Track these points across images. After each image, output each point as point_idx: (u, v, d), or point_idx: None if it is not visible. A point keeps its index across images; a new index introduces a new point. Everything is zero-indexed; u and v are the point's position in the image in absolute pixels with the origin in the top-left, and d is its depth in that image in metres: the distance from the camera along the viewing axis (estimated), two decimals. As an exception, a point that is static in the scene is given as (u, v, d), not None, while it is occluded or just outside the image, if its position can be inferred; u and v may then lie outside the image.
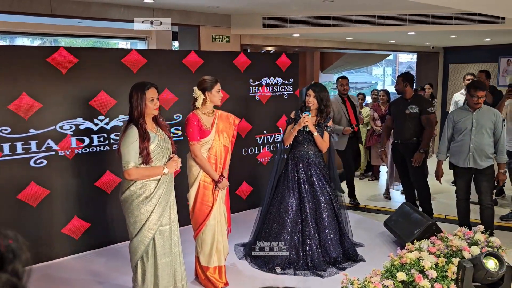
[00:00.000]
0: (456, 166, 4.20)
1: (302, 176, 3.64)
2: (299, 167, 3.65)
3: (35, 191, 3.65)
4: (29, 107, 3.57)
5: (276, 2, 5.01)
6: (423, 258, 3.13)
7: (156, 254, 2.77)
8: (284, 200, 3.63)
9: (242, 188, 5.04)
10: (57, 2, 4.63)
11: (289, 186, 3.64)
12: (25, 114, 3.57)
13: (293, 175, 3.67)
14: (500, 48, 8.88)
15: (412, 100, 4.77)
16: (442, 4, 4.30)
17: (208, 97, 3.13)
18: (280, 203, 3.66)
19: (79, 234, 3.93)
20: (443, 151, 4.24)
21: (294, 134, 3.61)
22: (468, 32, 6.36)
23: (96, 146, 3.95)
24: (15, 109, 3.51)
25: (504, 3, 3.80)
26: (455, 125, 4.14)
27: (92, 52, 4.04)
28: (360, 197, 5.91)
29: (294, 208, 3.61)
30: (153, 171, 2.70)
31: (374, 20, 5.74)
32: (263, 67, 5.06)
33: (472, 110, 4.03)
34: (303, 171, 3.65)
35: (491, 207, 4.16)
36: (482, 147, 3.98)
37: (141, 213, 2.70)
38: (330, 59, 10.14)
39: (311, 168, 3.65)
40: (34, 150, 3.63)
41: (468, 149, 4.05)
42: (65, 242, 3.86)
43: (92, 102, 3.88)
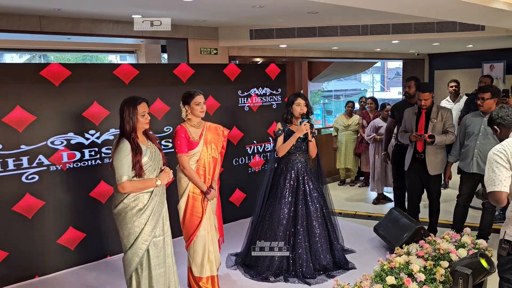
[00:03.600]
0: (463, 171, 4.24)
1: (293, 184, 3.71)
2: (290, 176, 3.72)
3: (29, 203, 3.67)
4: (22, 121, 3.60)
5: (262, 14, 5.12)
6: (411, 262, 3.20)
7: (151, 265, 2.80)
8: (275, 209, 3.69)
9: (235, 196, 5.09)
10: (46, 19, 4.69)
11: (280, 195, 3.70)
12: (19, 127, 3.60)
13: (284, 184, 3.73)
14: (483, 54, 9.11)
15: None
16: (424, 15, 4.44)
17: (188, 110, 3.20)
18: (272, 212, 3.71)
19: (75, 244, 3.94)
20: (454, 154, 4.29)
21: (294, 142, 3.66)
22: (450, 39, 6.54)
23: (88, 160, 3.99)
24: (8, 123, 3.54)
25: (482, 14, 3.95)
26: (466, 129, 4.17)
27: (84, 68, 4.08)
28: (351, 204, 5.99)
29: (285, 216, 3.67)
30: (146, 184, 2.75)
31: (359, 29, 5.88)
32: (252, 78, 5.14)
33: (483, 115, 4.04)
34: (294, 180, 3.71)
35: (493, 212, 4.23)
36: (486, 153, 3.87)
37: (135, 226, 2.74)
38: (318, 68, 10.29)
39: (302, 176, 3.72)
40: (26, 166, 3.66)
41: (472, 154, 4.09)
42: (61, 254, 3.87)
43: (85, 114, 3.92)
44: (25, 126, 3.62)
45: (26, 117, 3.62)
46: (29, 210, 3.68)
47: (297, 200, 3.68)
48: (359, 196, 6.54)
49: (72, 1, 4.07)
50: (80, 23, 4.93)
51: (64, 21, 4.83)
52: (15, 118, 3.58)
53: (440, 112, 4.26)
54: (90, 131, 3.97)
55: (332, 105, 20.62)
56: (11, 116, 3.56)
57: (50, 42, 6.50)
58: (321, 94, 17.99)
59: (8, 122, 3.55)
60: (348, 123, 6.85)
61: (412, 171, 4.44)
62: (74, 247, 3.95)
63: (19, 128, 3.60)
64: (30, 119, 3.64)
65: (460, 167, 4.25)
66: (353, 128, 6.83)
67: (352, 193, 6.69)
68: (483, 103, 3.93)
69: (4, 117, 3.53)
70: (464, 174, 4.23)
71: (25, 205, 3.65)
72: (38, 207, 3.72)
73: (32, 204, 3.69)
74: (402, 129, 4.50)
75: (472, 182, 4.15)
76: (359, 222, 5.28)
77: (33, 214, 3.70)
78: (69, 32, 4.95)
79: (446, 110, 4.30)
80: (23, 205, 3.65)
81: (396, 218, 4.24)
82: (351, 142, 6.85)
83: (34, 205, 3.70)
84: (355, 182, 7.18)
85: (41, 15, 4.65)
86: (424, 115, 4.29)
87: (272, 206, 3.72)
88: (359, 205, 6.03)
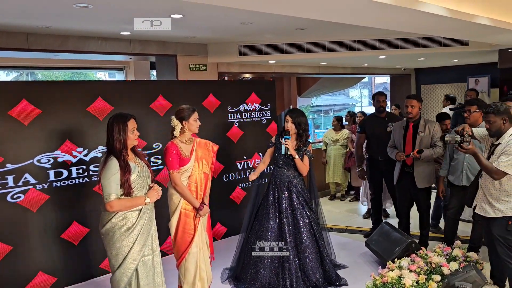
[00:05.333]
0: (453, 185, 4.26)
1: (283, 200, 3.69)
2: (280, 191, 3.71)
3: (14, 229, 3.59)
4: (6, 141, 3.55)
5: (251, 30, 5.17)
6: (404, 276, 3.19)
7: (139, 285, 2.74)
8: (264, 224, 3.67)
9: (235, 194, 5.05)
10: (33, 37, 4.67)
11: (270, 210, 3.68)
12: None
13: (273, 199, 3.72)
14: (468, 68, 9.29)
15: (390, 118, 4.95)
16: (410, 30, 4.53)
17: (185, 126, 3.18)
18: (260, 227, 3.69)
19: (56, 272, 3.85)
20: (445, 168, 4.32)
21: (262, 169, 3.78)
22: (436, 54, 6.66)
23: (75, 179, 3.92)
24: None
25: (466, 29, 4.03)
26: None
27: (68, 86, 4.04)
28: (342, 218, 5.97)
29: (274, 231, 3.65)
30: (135, 202, 2.70)
31: (346, 45, 5.96)
32: (241, 94, 5.15)
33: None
34: (284, 195, 3.70)
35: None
36: (475, 165, 3.88)
37: (123, 245, 2.68)
38: (307, 84, 10.37)
39: (291, 192, 3.71)
40: (11, 185, 3.59)
41: (462, 167, 4.13)
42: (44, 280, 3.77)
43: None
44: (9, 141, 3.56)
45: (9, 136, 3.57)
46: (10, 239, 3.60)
47: (285, 215, 3.66)
48: (350, 210, 6.53)
49: (60, 18, 4.06)
50: (69, 40, 4.92)
51: (52, 38, 4.81)
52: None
53: (427, 126, 4.30)
54: (78, 149, 3.92)
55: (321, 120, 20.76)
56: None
57: (38, 59, 6.46)
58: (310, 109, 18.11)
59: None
60: (337, 138, 6.87)
61: (401, 185, 4.46)
62: (60, 268, 3.86)
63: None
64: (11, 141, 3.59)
65: (450, 180, 4.28)
66: (341, 143, 6.86)
67: (342, 208, 6.68)
68: (470, 115, 3.99)
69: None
70: (454, 188, 4.25)
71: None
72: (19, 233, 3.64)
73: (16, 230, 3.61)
74: (390, 143, 4.53)
75: (462, 195, 4.17)
76: (350, 236, 5.26)
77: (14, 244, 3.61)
78: (57, 49, 4.92)
79: (433, 124, 4.34)
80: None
81: (387, 232, 4.23)
82: (339, 156, 6.87)
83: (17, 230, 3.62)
84: (345, 197, 7.17)
85: (28, 32, 4.63)
86: (411, 129, 4.34)
87: (260, 220, 3.72)
88: (350, 220, 6.02)
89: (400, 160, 4.31)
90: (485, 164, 3.14)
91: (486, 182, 3.25)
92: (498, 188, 3.16)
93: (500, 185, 3.14)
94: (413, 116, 4.32)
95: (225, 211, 5.01)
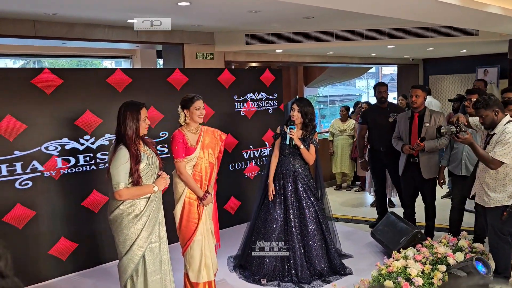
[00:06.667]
0: (453, 174, 4.28)
1: (289, 189, 3.69)
2: (286, 180, 3.71)
3: (21, 213, 3.62)
4: (14, 129, 3.57)
5: (258, 19, 5.12)
6: (409, 266, 3.19)
7: (146, 272, 2.76)
8: (270, 213, 3.68)
9: (230, 203, 5.07)
10: (40, 24, 4.66)
11: (275, 199, 3.69)
12: (10, 136, 3.56)
13: (279, 188, 3.72)
14: (476, 59, 9.16)
15: (391, 109, 4.91)
16: (419, 19, 4.46)
17: (187, 114, 3.17)
18: (266, 216, 3.71)
19: (67, 255, 3.90)
20: (446, 158, 4.32)
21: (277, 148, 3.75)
22: (444, 44, 6.57)
23: (82, 166, 3.95)
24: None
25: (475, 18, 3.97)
26: None
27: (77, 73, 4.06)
28: (348, 208, 5.98)
29: (280, 221, 3.66)
30: (143, 190, 2.70)
31: (354, 34, 5.90)
32: (247, 83, 5.14)
33: (470, 117, 4.08)
34: (290, 184, 3.70)
35: None
36: (474, 155, 3.95)
37: (131, 232, 2.70)
38: (314, 73, 10.31)
39: (297, 181, 3.71)
40: (19, 171, 3.62)
41: (461, 157, 4.14)
42: (53, 263, 3.82)
43: (78, 122, 3.89)
44: (15, 135, 3.58)
45: (17, 126, 3.59)
46: (20, 220, 3.64)
47: (291, 204, 3.67)
48: (356, 200, 6.53)
49: (67, 5, 4.04)
50: (75, 27, 4.91)
51: (59, 25, 4.80)
52: (6, 127, 3.54)
53: (433, 116, 4.27)
54: (85, 136, 3.94)
55: (328, 110, 20.68)
56: (1, 125, 3.52)
57: (44, 47, 6.46)
58: (316, 99, 18.04)
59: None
60: (344, 128, 6.85)
61: (407, 176, 4.44)
62: (66, 258, 3.89)
63: (10, 138, 3.56)
64: (21, 128, 3.60)
65: (450, 169, 4.29)
66: (348, 133, 6.83)
67: (348, 198, 6.68)
68: (471, 104, 3.96)
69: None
70: (454, 177, 4.27)
71: (16, 215, 3.61)
72: (29, 217, 3.67)
73: (23, 214, 3.65)
74: (395, 134, 4.51)
75: (463, 184, 4.17)
76: (356, 226, 5.26)
77: (23, 224, 3.66)
78: (64, 37, 4.91)
79: (439, 114, 4.31)
80: (14, 215, 3.60)
81: (393, 222, 4.23)
82: (346, 146, 6.85)
83: (25, 215, 3.66)
84: (351, 187, 7.17)
85: (35, 20, 4.62)
86: (417, 120, 4.31)
87: (266, 209, 3.73)
88: (355, 210, 6.02)
89: (407, 153, 4.29)
90: (481, 154, 3.15)
91: (482, 172, 3.27)
92: (494, 177, 3.19)
93: (497, 174, 3.16)
94: (417, 106, 4.29)
95: (237, 187, 5.07)
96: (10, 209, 3.58)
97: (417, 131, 4.28)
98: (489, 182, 3.22)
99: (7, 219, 3.57)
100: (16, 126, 3.57)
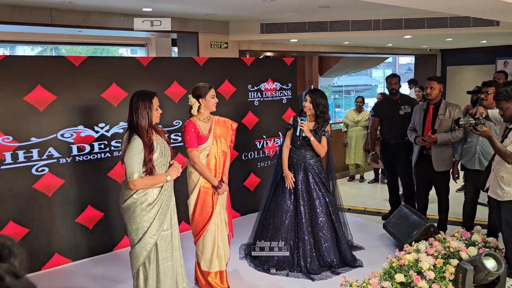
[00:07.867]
0: (466, 168, 4.22)
1: (299, 180, 3.69)
2: (297, 172, 3.70)
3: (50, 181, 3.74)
4: (41, 103, 3.63)
5: (273, 8, 5.08)
6: (421, 260, 3.17)
7: (159, 259, 2.80)
8: (280, 204, 3.69)
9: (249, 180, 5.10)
10: (57, 12, 4.70)
11: (286, 190, 3.69)
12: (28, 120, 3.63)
13: (290, 179, 3.72)
14: (497, 50, 8.95)
15: (403, 101, 4.84)
16: (437, 9, 4.37)
17: (202, 103, 3.16)
18: (276, 206, 3.71)
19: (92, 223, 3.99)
20: (459, 151, 4.26)
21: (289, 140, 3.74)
22: (464, 35, 6.43)
23: (97, 153, 4.01)
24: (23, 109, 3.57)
25: (496, 8, 3.87)
26: None
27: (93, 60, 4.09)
28: (360, 200, 5.95)
29: (290, 212, 3.66)
30: (156, 180, 2.72)
31: (371, 24, 5.81)
32: (262, 72, 5.11)
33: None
34: (300, 176, 3.69)
35: None
36: (488, 149, 3.85)
37: (144, 220, 2.73)
38: (329, 63, 10.21)
39: (308, 172, 3.70)
40: (36, 158, 3.69)
41: (474, 151, 4.07)
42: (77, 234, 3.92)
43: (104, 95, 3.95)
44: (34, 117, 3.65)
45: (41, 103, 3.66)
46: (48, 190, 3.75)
47: (301, 195, 3.66)
48: (369, 192, 6.50)
49: (83, -6, 4.08)
50: (91, 16, 4.94)
51: (75, 13, 4.84)
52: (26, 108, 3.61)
53: (448, 109, 4.20)
54: (100, 124, 3.99)
55: (343, 100, 20.50)
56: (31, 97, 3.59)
57: (61, 35, 6.53)
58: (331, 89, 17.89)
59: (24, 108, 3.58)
60: (358, 119, 6.79)
61: (420, 168, 4.40)
62: (92, 226, 3.99)
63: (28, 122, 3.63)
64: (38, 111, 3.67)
65: (463, 163, 4.23)
66: (363, 124, 6.77)
67: (361, 189, 6.65)
68: (487, 97, 3.88)
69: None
70: (467, 171, 4.21)
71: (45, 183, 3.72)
72: (57, 187, 3.76)
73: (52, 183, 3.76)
74: (411, 126, 4.46)
75: (475, 178, 4.10)
76: (368, 218, 5.25)
77: (52, 193, 3.77)
78: (80, 25, 4.96)
79: (454, 107, 4.24)
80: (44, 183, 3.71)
81: (406, 215, 4.20)
82: (360, 138, 6.80)
83: (54, 184, 3.77)
84: (364, 178, 7.13)
85: (52, 8, 4.67)
86: (431, 111, 4.24)
87: (277, 200, 3.73)
88: (368, 201, 6.00)
89: (420, 145, 4.24)
90: (499, 147, 3.10)
91: (498, 165, 3.23)
92: (509, 171, 3.14)
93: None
94: (432, 98, 4.23)
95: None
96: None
97: (431, 123, 4.22)
98: (504, 176, 3.18)
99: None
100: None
